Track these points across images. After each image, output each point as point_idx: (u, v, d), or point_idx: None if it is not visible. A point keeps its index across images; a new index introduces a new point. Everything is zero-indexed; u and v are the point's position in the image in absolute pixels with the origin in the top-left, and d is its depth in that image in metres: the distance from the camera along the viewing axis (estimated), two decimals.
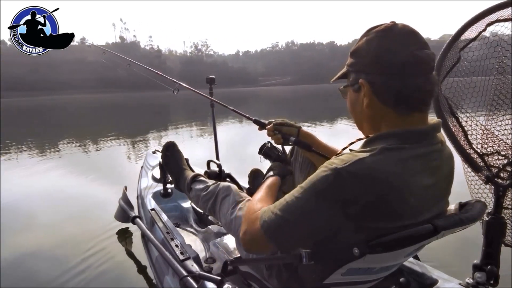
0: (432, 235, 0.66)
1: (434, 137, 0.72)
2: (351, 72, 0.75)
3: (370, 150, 0.65)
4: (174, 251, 1.33)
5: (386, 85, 0.68)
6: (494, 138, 1.09)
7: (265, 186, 1.03)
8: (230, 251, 1.40)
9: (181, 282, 1.16)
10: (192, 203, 1.93)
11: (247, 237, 0.79)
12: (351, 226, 0.65)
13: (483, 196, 1.10)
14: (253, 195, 1.00)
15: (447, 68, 1.11)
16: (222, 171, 1.74)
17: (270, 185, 1.04)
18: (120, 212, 2.16)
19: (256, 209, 0.83)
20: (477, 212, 0.73)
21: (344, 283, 0.79)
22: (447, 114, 1.12)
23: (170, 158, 1.69)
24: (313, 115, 12.10)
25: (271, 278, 1.02)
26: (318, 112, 14.31)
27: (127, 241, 2.30)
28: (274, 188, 1.04)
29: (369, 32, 0.71)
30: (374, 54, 0.68)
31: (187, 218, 2.04)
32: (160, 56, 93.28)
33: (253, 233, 0.76)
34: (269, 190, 1.00)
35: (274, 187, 1.04)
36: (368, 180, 0.62)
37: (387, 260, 0.76)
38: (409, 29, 0.68)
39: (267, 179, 1.08)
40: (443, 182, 0.74)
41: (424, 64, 0.67)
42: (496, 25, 1.01)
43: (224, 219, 1.25)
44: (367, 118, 0.74)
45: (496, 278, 1.01)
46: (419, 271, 1.13)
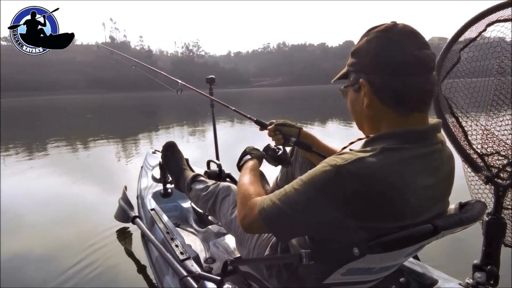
0: (432, 235, 0.66)
1: (434, 137, 0.72)
2: (351, 72, 0.75)
3: (370, 150, 0.65)
4: (174, 251, 1.33)
5: (386, 85, 0.68)
6: (494, 138, 1.09)
7: (249, 169, 1.05)
8: (230, 251, 1.39)
9: (181, 282, 1.16)
10: (192, 203, 1.93)
11: (245, 222, 0.81)
12: (350, 226, 0.65)
13: (483, 196, 1.10)
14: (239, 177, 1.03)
15: (447, 68, 1.11)
16: (222, 171, 1.74)
17: (252, 168, 1.06)
18: (120, 212, 2.16)
19: (251, 191, 0.86)
20: (477, 212, 0.73)
21: (344, 283, 0.79)
22: (447, 114, 1.12)
23: (170, 158, 1.69)
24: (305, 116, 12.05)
25: (271, 278, 1.02)
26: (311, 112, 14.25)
27: (127, 241, 2.30)
28: (257, 170, 1.07)
29: (370, 32, 0.71)
30: (374, 54, 0.68)
31: (187, 218, 2.04)
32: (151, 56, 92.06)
33: (251, 219, 0.78)
34: (254, 172, 1.03)
35: (257, 169, 1.08)
36: (368, 179, 0.62)
37: (387, 260, 0.76)
38: (410, 29, 0.68)
39: (247, 163, 1.10)
40: (443, 182, 0.74)
41: (424, 64, 0.67)
42: (496, 25, 1.01)
43: (224, 219, 1.25)
44: (367, 118, 0.74)
45: (496, 278, 1.01)
46: (419, 271, 1.13)
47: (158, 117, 14.96)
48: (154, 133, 8.60)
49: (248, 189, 0.89)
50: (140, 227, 1.72)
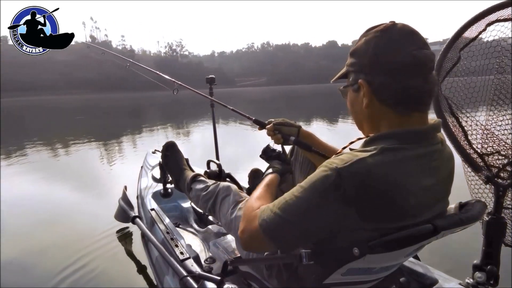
0: (432, 235, 0.66)
1: (434, 137, 0.72)
2: (350, 72, 0.74)
3: (370, 150, 0.65)
4: (174, 251, 1.33)
5: (385, 86, 0.68)
6: (494, 138, 1.09)
7: (264, 183, 1.02)
8: (230, 251, 1.39)
9: (181, 282, 1.16)
10: (192, 203, 1.93)
11: (245, 235, 0.78)
12: (351, 226, 0.65)
13: (483, 196, 1.10)
14: None
15: (447, 68, 1.11)
16: (222, 171, 1.74)
17: (269, 182, 1.03)
18: (120, 212, 2.16)
19: (254, 207, 0.82)
20: (477, 212, 0.73)
21: (344, 283, 0.79)
22: (447, 114, 1.12)
23: (170, 158, 1.69)
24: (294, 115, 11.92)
25: (271, 278, 1.02)
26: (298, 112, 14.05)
27: (127, 241, 2.30)
28: (273, 185, 1.03)
29: (368, 32, 0.71)
30: (373, 54, 0.68)
31: (187, 218, 2.04)
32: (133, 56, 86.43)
33: (251, 231, 0.75)
34: (268, 187, 0.99)
35: (273, 184, 1.03)
36: (368, 180, 0.62)
37: (387, 260, 0.76)
38: (409, 29, 0.68)
39: (266, 177, 1.07)
40: (443, 182, 0.74)
41: (423, 64, 0.66)
42: (496, 25, 1.01)
43: (224, 219, 1.25)
44: (366, 118, 0.74)
45: (496, 278, 1.01)
46: (419, 271, 1.13)
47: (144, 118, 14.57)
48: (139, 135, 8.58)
49: (254, 204, 0.86)
50: (140, 227, 1.72)
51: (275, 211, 0.71)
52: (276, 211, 0.71)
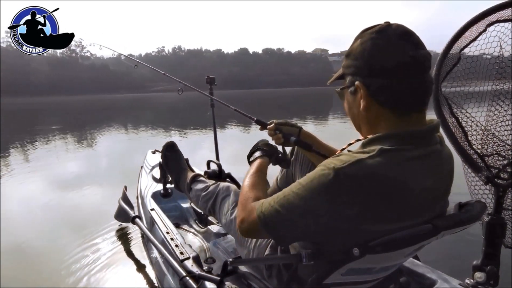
0: (432, 235, 0.66)
1: (432, 137, 0.72)
2: (347, 74, 0.74)
3: (368, 151, 0.65)
4: (174, 251, 1.33)
5: (382, 87, 0.67)
6: (494, 139, 1.09)
7: (255, 169, 1.00)
8: (230, 251, 1.40)
9: (181, 282, 1.16)
10: (192, 203, 1.93)
11: (244, 225, 0.79)
12: (350, 227, 0.65)
13: (483, 197, 1.10)
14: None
15: (447, 68, 1.11)
16: (222, 171, 1.74)
17: (259, 167, 1.01)
18: (120, 212, 2.16)
19: (251, 196, 0.84)
20: (477, 213, 0.73)
21: (344, 283, 0.79)
22: (447, 114, 1.12)
23: (170, 158, 1.69)
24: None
25: (271, 278, 1.02)
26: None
27: (127, 241, 2.30)
28: (264, 170, 1.02)
29: (363, 33, 0.70)
30: (369, 56, 0.68)
31: (187, 218, 2.04)
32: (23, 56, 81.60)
33: (250, 223, 0.77)
34: (260, 173, 0.99)
35: (264, 169, 1.02)
36: (367, 181, 0.62)
37: (387, 260, 0.76)
38: (403, 30, 0.67)
39: (256, 161, 1.05)
40: (442, 182, 0.73)
41: (419, 64, 0.66)
42: (496, 25, 1.01)
43: (224, 219, 1.25)
44: (364, 120, 0.73)
45: (496, 279, 1.01)
46: (419, 271, 1.13)
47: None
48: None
49: (249, 192, 0.87)
50: (140, 227, 1.72)
51: (274, 206, 0.72)
52: (275, 206, 0.71)
